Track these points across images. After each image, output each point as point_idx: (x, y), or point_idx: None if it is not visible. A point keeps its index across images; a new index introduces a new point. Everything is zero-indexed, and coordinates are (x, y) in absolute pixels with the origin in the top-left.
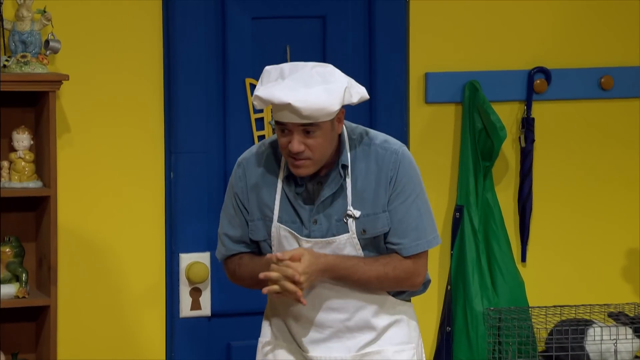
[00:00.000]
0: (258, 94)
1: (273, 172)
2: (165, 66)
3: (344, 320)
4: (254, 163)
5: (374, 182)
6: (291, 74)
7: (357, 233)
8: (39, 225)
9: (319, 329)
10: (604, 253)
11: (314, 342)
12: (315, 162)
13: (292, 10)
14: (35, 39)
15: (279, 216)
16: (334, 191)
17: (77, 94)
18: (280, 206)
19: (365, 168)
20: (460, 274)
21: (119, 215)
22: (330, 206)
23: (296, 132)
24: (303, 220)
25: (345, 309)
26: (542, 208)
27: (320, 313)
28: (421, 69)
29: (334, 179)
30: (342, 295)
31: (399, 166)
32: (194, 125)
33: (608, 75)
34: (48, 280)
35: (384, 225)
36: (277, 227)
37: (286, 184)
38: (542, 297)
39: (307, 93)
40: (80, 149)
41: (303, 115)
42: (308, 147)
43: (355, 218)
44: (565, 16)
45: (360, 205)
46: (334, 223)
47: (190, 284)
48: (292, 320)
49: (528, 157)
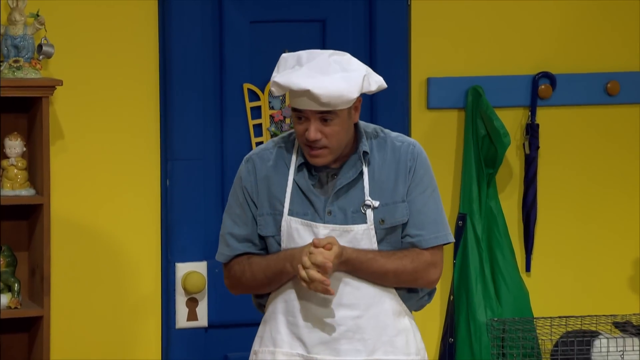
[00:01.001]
0: (276, 80)
1: (284, 165)
2: (161, 71)
3: (356, 317)
4: (265, 157)
5: (392, 173)
6: (309, 61)
7: (375, 223)
8: (32, 234)
9: (329, 328)
10: (610, 263)
11: (323, 343)
12: (332, 150)
13: (291, 13)
14: (28, 44)
15: (290, 209)
16: (351, 179)
17: (71, 99)
18: (292, 198)
19: (382, 159)
20: (463, 283)
21: (114, 223)
22: (345, 197)
23: (313, 120)
24: (317, 210)
25: (357, 305)
26: (547, 216)
27: (331, 309)
28: (423, 74)
29: (352, 167)
30: (355, 290)
31: (418, 157)
32: (190, 132)
33: (614, 81)
34: (41, 290)
35: (403, 215)
36: (288, 221)
37: (299, 175)
38: (547, 307)
39: (326, 80)
40: (74, 156)
41: (321, 102)
42: (325, 135)
43: (374, 208)
44: (570, 20)
45: (379, 195)
46: (350, 215)
47: (187, 294)
48: (301, 319)
49: (532, 164)
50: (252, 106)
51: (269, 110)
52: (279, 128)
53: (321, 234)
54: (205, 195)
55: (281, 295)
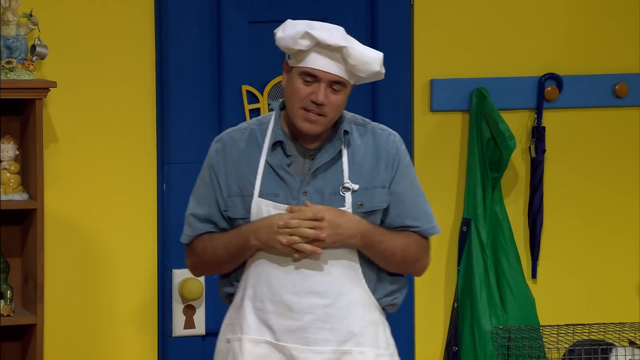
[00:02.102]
0: (311, 32)
1: (256, 145)
2: (158, 72)
3: (326, 306)
4: (236, 137)
5: (372, 158)
6: (329, 27)
7: (353, 207)
8: (25, 239)
9: (297, 316)
10: (619, 269)
11: (291, 331)
12: (328, 122)
13: (290, 13)
14: (21, 44)
15: (260, 190)
16: (329, 158)
17: (65, 101)
18: (263, 179)
19: (362, 144)
20: (467, 290)
21: (109, 229)
22: (323, 178)
23: (324, 84)
24: (292, 190)
25: (328, 293)
26: (554, 221)
27: (301, 297)
28: (426, 76)
29: (331, 147)
30: (327, 278)
31: (400, 147)
32: (187, 134)
33: (622, 82)
34: (34, 297)
35: (382, 201)
36: (258, 203)
37: (272, 154)
38: (553, 315)
39: (357, 45)
40: (68, 160)
41: (350, 64)
42: (328, 103)
43: (354, 191)
44: (577, 20)
45: (357, 178)
46: (328, 196)
47: (184, 301)
48: (270, 305)
49: (539, 168)
50: (250, 108)
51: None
52: None
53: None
54: None
55: (249, 281)
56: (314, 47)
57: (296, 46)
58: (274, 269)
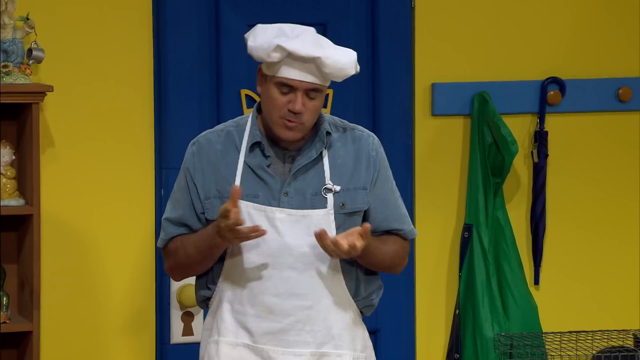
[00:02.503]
0: (282, 45)
1: (234, 147)
2: (156, 76)
3: (307, 308)
4: (212, 140)
5: (352, 159)
6: (299, 34)
7: (335, 208)
8: (21, 245)
9: (278, 318)
10: (622, 275)
11: (270, 333)
12: (305, 128)
13: (290, 16)
14: (17, 48)
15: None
16: (311, 159)
17: (62, 106)
18: (242, 180)
19: (342, 145)
20: (469, 297)
21: (106, 235)
22: (304, 179)
23: (300, 92)
24: (273, 191)
25: (308, 295)
26: (556, 227)
27: (283, 299)
28: (427, 80)
29: (312, 148)
30: (308, 280)
31: (379, 149)
32: (185, 139)
33: (626, 87)
34: (30, 304)
35: (363, 202)
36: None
37: (250, 155)
38: (556, 322)
39: (330, 51)
40: (65, 165)
41: (324, 73)
42: (306, 110)
43: (336, 192)
44: (580, 23)
45: (339, 179)
46: (309, 197)
47: (182, 308)
48: (249, 307)
49: (541, 173)
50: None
51: None
52: None
53: (277, 218)
54: None
55: (228, 283)
56: (287, 57)
57: (269, 59)
58: (254, 270)
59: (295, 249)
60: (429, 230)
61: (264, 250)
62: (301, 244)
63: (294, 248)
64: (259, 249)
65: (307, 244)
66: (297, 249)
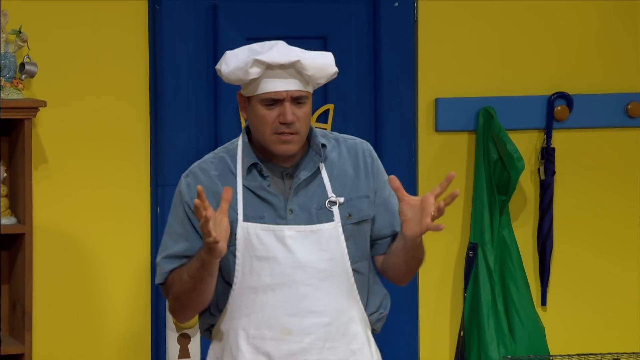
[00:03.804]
0: (258, 58)
1: (229, 172)
2: (152, 91)
3: (326, 324)
4: (206, 168)
5: (350, 168)
6: (270, 48)
7: (343, 219)
8: (13, 265)
9: (298, 338)
10: (633, 296)
11: (292, 355)
12: (301, 138)
13: (289, 30)
14: (9, 62)
15: (244, 214)
16: (310, 173)
17: (55, 121)
18: (244, 203)
19: (337, 156)
20: (474, 318)
21: (101, 254)
22: (305, 194)
23: (288, 102)
24: (277, 209)
25: (326, 312)
26: (564, 246)
27: (300, 318)
28: (431, 94)
29: (309, 162)
30: (324, 296)
31: (373, 154)
32: (182, 156)
33: (635, 102)
34: (22, 326)
35: (369, 210)
36: (244, 227)
37: (248, 178)
38: (564, 344)
39: (307, 54)
40: (59, 182)
41: (306, 75)
42: (297, 119)
43: (340, 204)
44: (588, 37)
45: (340, 191)
46: (315, 212)
47: (178, 330)
48: (267, 331)
49: (548, 191)
50: None
51: None
52: None
53: (286, 236)
54: None
55: (239, 309)
56: (266, 69)
57: (248, 77)
58: (267, 292)
59: (308, 265)
60: (433, 249)
61: (276, 270)
62: (314, 259)
63: (306, 264)
64: (271, 269)
65: (319, 259)
66: (310, 265)
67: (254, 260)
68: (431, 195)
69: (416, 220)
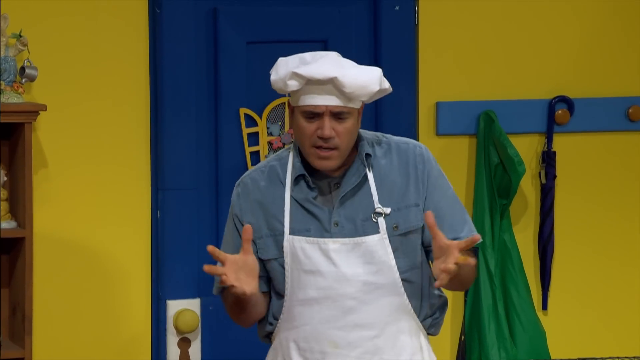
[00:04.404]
0: (297, 71)
1: (279, 183)
2: (152, 95)
3: (373, 337)
4: (256, 178)
5: (400, 176)
6: (318, 59)
7: (389, 230)
8: (13, 269)
9: (345, 351)
10: (634, 300)
11: None
12: (341, 153)
13: (290, 34)
14: (9, 66)
15: (291, 227)
16: (355, 184)
17: (56, 125)
18: (292, 216)
19: (387, 163)
20: (475, 322)
21: (101, 258)
22: (351, 205)
23: (327, 117)
24: (322, 222)
25: (374, 325)
26: (565, 250)
27: (347, 332)
28: (432, 98)
29: (355, 173)
30: (371, 309)
31: (426, 159)
32: (182, 160)
33: (636, 105)
34: (22, 330)
35: (417, 220)
36: (291, 240)
37: (296, 189)
38: (565, 348)
39: (349, 70)
40: (59, 186)
41: (345, 92)
42: (337, 134)
43: (386, 215)
44: (589, 41)
45: (388, 200)
46: (360, 223)
47: (179, 334)
48: (315, 345)
49: (549, 195)
50: (249, 132)
51: (267, 137)
52: None
53: (331, 249)
54: (199, 227)
55: (290, 321)
56: (306, 84)
57: (287, 88)
58: (314, 306)
59: (354, 279)
60: None
61: (321, 283)
62: (359, 272)
63: (352, 278)
64: (317, 283)
65: (365, 272)
66: (356, 278)
67: (301, 274)
68: (456, 248)
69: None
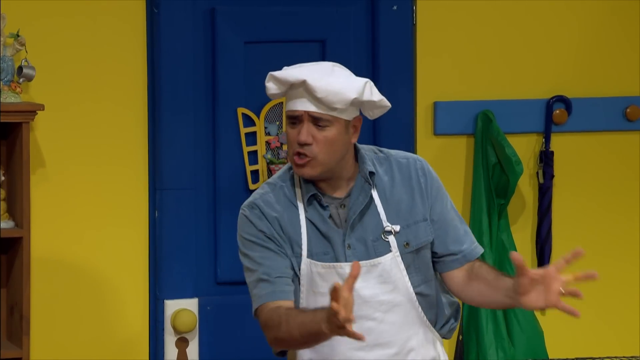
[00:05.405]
0: (273, 74)
1: (290, 204)
2: (150, 94)
3: (392, 355)
4: (268, 200)
5: (404, 193)
6: (309, 65)
7: (400, 249)
8: (10, 269)
9: None
10: (632, 300)
11: None
12: (321, 163)
13: (288, 33)
14: (7, 66)
15: (309, 250)
16: (363, 205)
17: (53, 125)
18: (308, 238)
19: (389, 180)
20: (472, 322)
21: (98, 258)
22: (361, 226)
23: (307, 122)
24: (336, 245)
25: (392, 343)
26: (563, 250)
27: (367, 352)
28: (429, 98)
29: (360, 192)
30: (389, 327)
31: (427, 172)
32: (180, 159)
33: (634, 105)
34: (20, 330)
35: (427, 235)
36: (308, 264)
37: (310, 210)
38: (563, 348)
39: (326, 77)
40: (57, 186)
41: (317, 98)
42: (316, 141)
43: (396, 233)
44: (587, 41)
45: (396, 218)
46: (371, 244)
47: (176, 334)
48: None
49: (547, 195)
50: (246, 132)
51: (265, 137)
52: (275, 155)
53: (347, 273)
54: (197, 227)
55: None
56: (289, 89)
57: (267, 91)
58: None
59: (372, 299)
60: None
61: None
62: (376, 293)
63: (369, 299)
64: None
65: (382, 292)
66: (374, 299)
67: (317, 296)
68: (554, 270)
69: (539, 293)
